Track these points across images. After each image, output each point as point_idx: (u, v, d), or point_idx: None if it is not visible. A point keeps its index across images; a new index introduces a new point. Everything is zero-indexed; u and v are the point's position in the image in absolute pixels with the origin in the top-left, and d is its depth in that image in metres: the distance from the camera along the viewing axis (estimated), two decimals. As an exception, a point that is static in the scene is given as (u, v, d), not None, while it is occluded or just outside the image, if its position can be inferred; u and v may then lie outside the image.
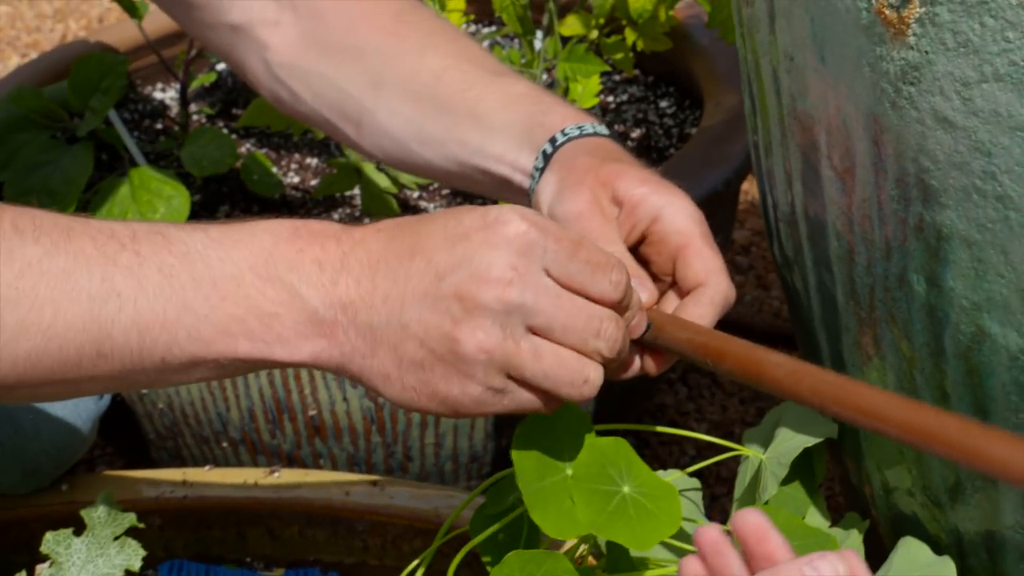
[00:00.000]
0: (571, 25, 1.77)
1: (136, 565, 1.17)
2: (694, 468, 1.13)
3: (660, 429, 1.09)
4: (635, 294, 0.99)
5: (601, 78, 1.94)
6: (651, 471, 1.02)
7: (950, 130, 0.94)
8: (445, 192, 1.78)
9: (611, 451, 1.01)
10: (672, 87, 1.95)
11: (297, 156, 1.87)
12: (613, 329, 0.96)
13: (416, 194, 1.77)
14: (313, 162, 1.86)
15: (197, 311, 0.94)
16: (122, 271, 0.93)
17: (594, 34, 1.77)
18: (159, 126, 1.89)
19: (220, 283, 0.94)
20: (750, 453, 1.10)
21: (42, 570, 1.17)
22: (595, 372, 0.96)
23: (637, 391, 1.76)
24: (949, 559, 1.03)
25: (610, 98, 1.95)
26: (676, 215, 1.05)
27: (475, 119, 1.15)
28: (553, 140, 1.11)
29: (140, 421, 1.62)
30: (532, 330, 0.94)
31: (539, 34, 1.81)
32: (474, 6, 1.99)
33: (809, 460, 1.12)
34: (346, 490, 1.38)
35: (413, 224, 0.96)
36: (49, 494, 1.40)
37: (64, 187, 1.64)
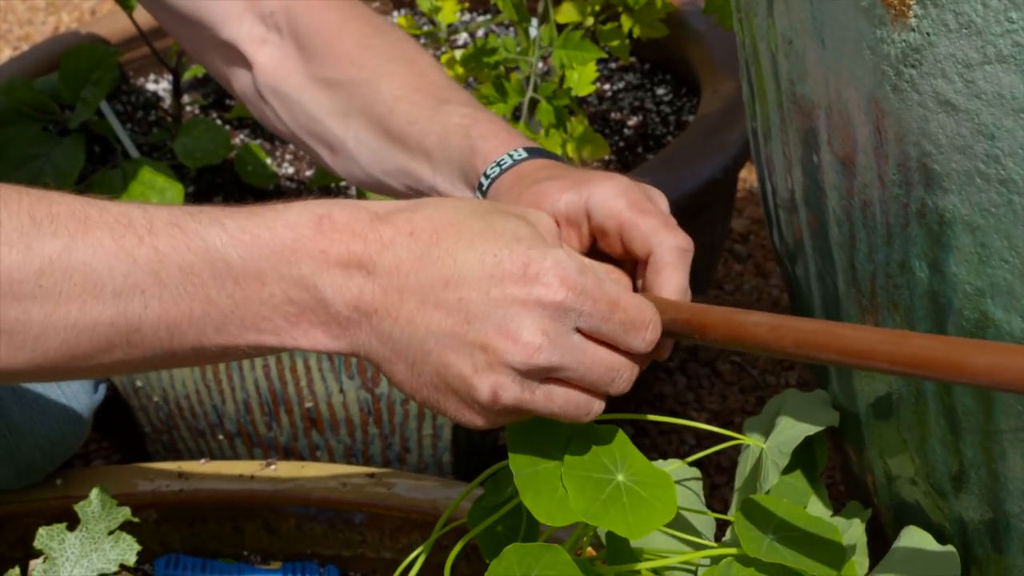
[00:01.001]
0: (567, 12, 1.75)
1: (131, 560, 1.16)
2: (694, 458, 1.12)
3: (656, 418, 1.08)
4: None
5: (598, 66, 1.93)
6: (646, 459, 1.02)
7: (952, 113, 0.93)
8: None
9: (606, 439, 1.01)
10: (669, 74, 1.94)
11: (291, 147, 1.86)
12: (628, 375, 1.00)
13: (412, 184, 1.76)
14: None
15: (222, 308, 0.95)
16: (143, 269, 0.94)
17: (590, 21, 1.76)
18: (152, 118, 1.88)
19: (243, 281, 0.95)
20: (751, 442, 1.10)
21: (36, 565, 1.16)
22: (599, 406, 1.00)
23: (636, 381, 1.75)
24: (953, 549, 1.02)
25: (607, 86, 1.94)
26: (600, 201, 1.05)
27: (423, 155, 1.17)
28: (480, 185, 1.13)
29: (135, 415, 1.61)
30: (549, 379, 0.97)
31: (534, 21, 1.79)
32: (469, -6, 1.98)
33: (810, 449, 1.11)
34: (343, 482, 1.37)
35: (451, 239, 0.96)
36: (43, 489, 1.39)
37: (55, 179, 1.63)
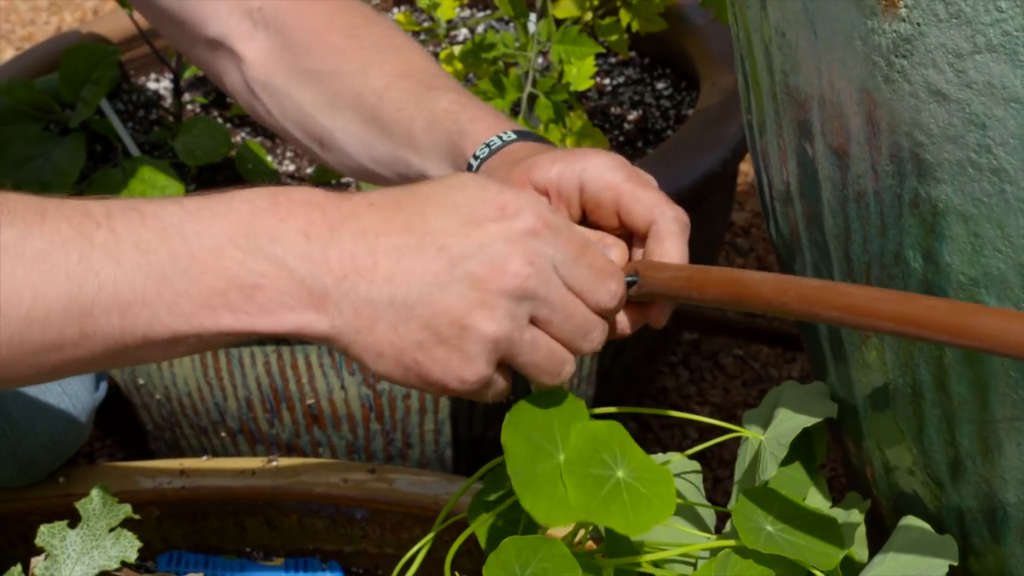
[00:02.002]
0: (565, 7, 1.76)
1: (132, 557, 1.16)
2: (694, 451, 1.12)
3: (655, 411, 1.08)
4: (622, 287, 1.01)
5: (597, 60, 1.93)
6: (646, 455, 1.01)
7: (944, 103, 0.93)
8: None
9: (605, 435, 1.00)
10: (668, 68, 1.94)
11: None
12: (599, 336, 0.99)
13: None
14: (308, 150, 1.85)
15: (176, 286, 0.93)
16: (99, 250, 0.92)
17: (588, 16, 1.76)
18: (153, 116, 1.89)
19: (199, 256, 0.93)
20: (749, 435, 1.10)
21: (37, 563, 1.16)
22: (570, 366, 1.00)
23: (638, 375, 1.75)
24: (950, 538, 1.02)
25: (606, 80, 1.94)
26: (596, 172, 1.05)
27: (410, 141, 1.17)
28: (470, 166, 1.13)
29: (138, 412, 1.61)
30: (533, 320, 0.97)
31: (533, 17, 1.80)
32: (468, -10, 1.98)
33: (809, 441, 1.11)
34: (344, 478, 1.37)
35: (414, 202, 0.96)
36: (46, 487, 1.39)
37: (56, 179, 1.64)
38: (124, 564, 1.18)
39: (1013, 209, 0.93)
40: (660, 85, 1.92)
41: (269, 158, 1.79)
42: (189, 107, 1.90)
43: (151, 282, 0.93)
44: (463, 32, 2.00)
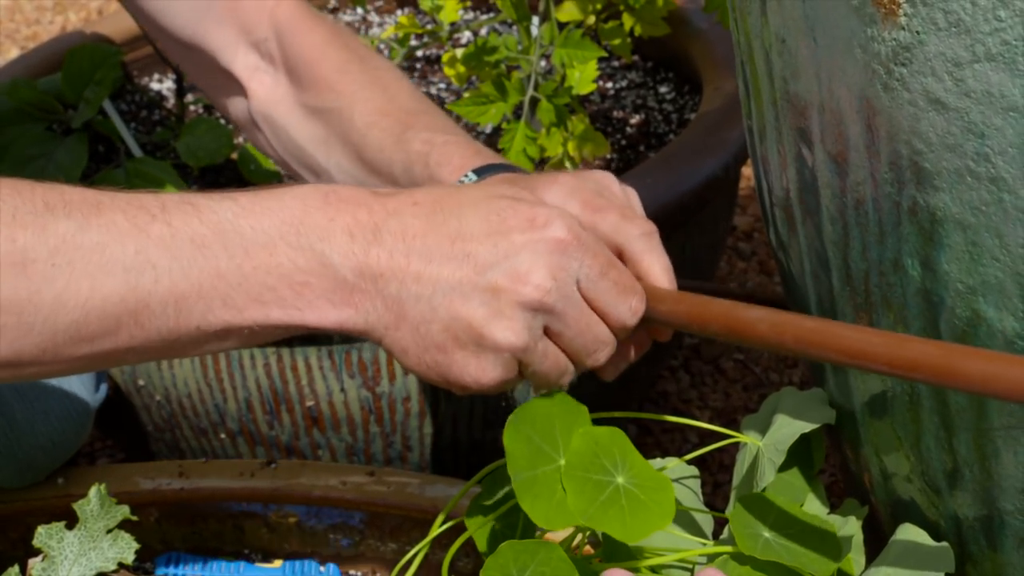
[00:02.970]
0: (568, 11, 1.76)
1: (129, 558, 1.17)
2: (692, 456, 1.12)
3: (654, 416, 1.08)
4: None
5: (600, 64, 1.93)
6: (646, 461, 1.01)
7: (942, 111, 0.93)
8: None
9: (606, 440, 1.01)
10: (671, 72, 1.94)
11: (294, 146, 1.87)
12: (605, 355, 1.03)
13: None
14: (310, 151, 1.85)
15: (231, 280, 0.96)
16: (155, 242, 0.95)
17: (591, 19, 1.76)
18: (156, 117, 1.89)
19: (252, 252, 0.96)
20: (747, 440, 1.10)
21: (34, 564, 1.16)
22: (568, 377, 1.03)
23: (638, 379, 1.75)
24: (947, 545, 1.02)
25: (609, 84, 1.94)
26: (556, 199, 1.07)
27: (393, 181, 1.22)
28: None
29: (138, 414, 1.61)
30: (546, 331, 1.00)
31: (536, 20, 1.80)
32: (471, -7, 1.98)
33: (808, 447, 1.11)
34: (343, 481, 1.37)
35: (453, 205, 0.99)
36: (45, 488, 1.39)
37: (58, 179, 1.64)
38: (121, 565, 1.18)
39: (1011, 218, 0.93)
40: (663, 89, 1.92)
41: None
42: (192, 108, 1.91)
43: (206, 276, 0.96)
44: (466, 35, 2.00)
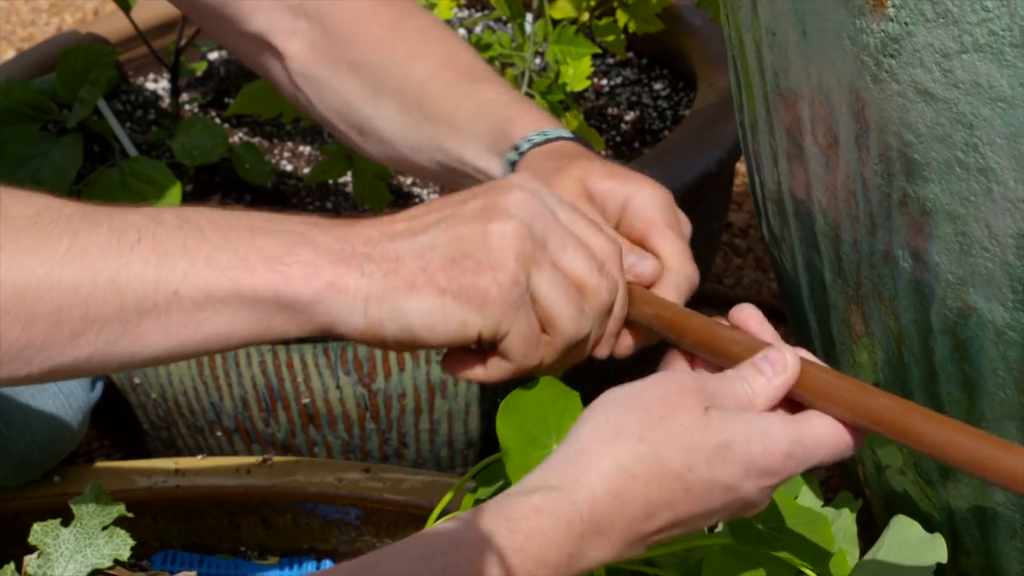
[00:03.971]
0: (562, 8, 1.76)
1: (124, 555, 1.17)
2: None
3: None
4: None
5: (595, 61, 1.93)
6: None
7: (931, 102, 0.93)
8: (438, 178, 1.77)
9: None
10: (666, 69, 1.95)
11: (289, 144, 1.87)
12: (614, 266, 1.00)
13: (409, 180, 1.77)
14: (305, 150, 1.85)
15: (215, 243, 0.94)
16: (138, 215, 0.95)
17: (585, 16, 1.76)
18: (151, 116, 1.89)
19: (235, 230, 0.95)
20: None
21: (30, 561, 1.17)
22: (585, 323, 0.99)
23: (632, 372, 1.75)
24: (940, 536, 1.02)
25: (604, 81, 1.94)
26: (642, 203, 1.08)
27: (452, 128, 1.19)
28: (517, 147, 1.15)
29: (134, 412, 1.62)
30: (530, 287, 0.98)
31: (529, 17, 1.80)
32: (466, -9, 1.98)
33: (801, 439, 1.11)
34: (338, 477, 1.37)
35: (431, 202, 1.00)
36: (41, 486, 1.40)
37: (53, 179, 1.64)
38: (117, 562, 1.18)
39: (1000, 208, 0.93)
40: (657, 86, 1.92)
41: (266, 158, 1.79)
42: (187, 107, 1.91)
43: (190, 238, 0.94)
44: (460, 32, 2.00)
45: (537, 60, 1.75)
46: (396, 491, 1.36)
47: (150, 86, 1.95)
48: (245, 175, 1.75)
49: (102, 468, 1.42)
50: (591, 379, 1.23)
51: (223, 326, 0.95)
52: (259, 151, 1.78)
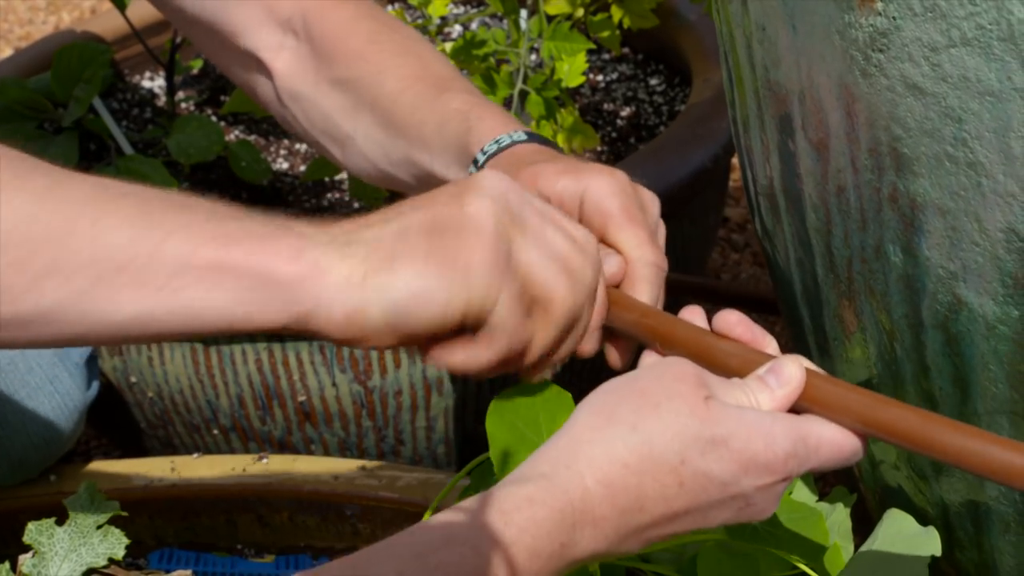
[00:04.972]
0: (556, 4, 1.76)
1: (119, 554, 1.17)
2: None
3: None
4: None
5: (590, 57, 1.93)
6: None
7: (920, 97, 0.93)
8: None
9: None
10: (662, 64, 1.95)
11: (285, 142, 1.87)
12: (592, 248, 0.98)
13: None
14: (301, 148, 1.85)
15: (196, 215, 0.92)
16: (129, 184, 0.93)
17: (580, 12, 1.76)
18: (147, 115, 1.89)
19: (222, 210, 0.94)
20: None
21: (25, 560, 1.17)
22: (580, 292, 0.97)
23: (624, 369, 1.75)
24: (933, 529, 1.02)
25: (600, 77, 1.94)
26: (596, 195, 1.05)
27: (422, 142, 1.18)
28: (476, 161, 1.13)
29: (131, 411, 1.62)
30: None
31: (524, 13, 1.80)
32: (461, -13, 1.98)
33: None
34: (334, 475, 1.38)
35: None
36: (37, 485, 1.40)
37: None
38: (113, 561, 1.18)
39: (990, 203, 0.93)
40: (653, 81, 1.93)
41: (262, 156, 1.79)
42: (183, 105, 1.91)
43: (172, 208, 0.92)
44: (456, 29, 2.00)
45: (532, 56, 1.75)
46: (392, 488, 1.36)
47: (146, 84, 1.95)
48: (241, 173, 1.76)
49: (98, 467, 1.42)
50: (585, 380, 1.23)
51: (197, 299, 0.92)
52: (255, 149, 1.78)
